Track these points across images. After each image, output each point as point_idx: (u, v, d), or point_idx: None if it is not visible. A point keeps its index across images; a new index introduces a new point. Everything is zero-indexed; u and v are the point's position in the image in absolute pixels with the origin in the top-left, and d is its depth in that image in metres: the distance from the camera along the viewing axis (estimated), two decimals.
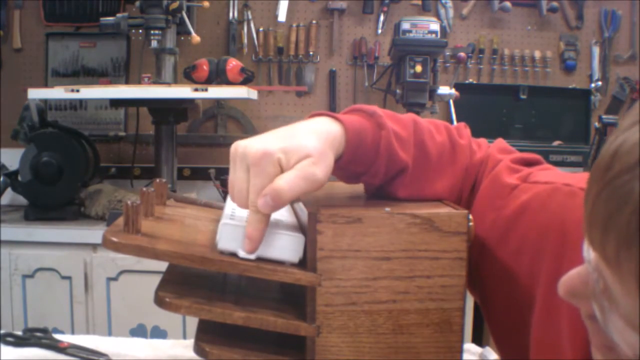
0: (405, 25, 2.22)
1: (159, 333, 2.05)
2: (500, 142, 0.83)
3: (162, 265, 0.68)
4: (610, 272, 0.42)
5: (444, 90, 2.32)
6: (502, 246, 0.71)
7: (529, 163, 0.78)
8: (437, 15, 2.68)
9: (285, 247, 0.65)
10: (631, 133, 0.41)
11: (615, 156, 0.41)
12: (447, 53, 2.69)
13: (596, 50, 2.77)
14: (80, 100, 2.66)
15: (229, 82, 2.19)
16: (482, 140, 0.83)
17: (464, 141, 0.78)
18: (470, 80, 2.75)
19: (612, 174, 0.41)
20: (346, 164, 0.68)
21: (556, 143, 2.66)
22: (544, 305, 0.65)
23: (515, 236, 0.70)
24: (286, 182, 0.61)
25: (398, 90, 2.32)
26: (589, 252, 0.46)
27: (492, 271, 0.73)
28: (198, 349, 0.65)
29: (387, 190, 0.73)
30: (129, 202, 0.64)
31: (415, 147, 0.73)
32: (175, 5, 2.04)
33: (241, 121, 2.73)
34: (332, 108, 2.70)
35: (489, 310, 0.76)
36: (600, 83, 2.77)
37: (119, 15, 2.08)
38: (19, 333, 1.17)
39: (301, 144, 0.63)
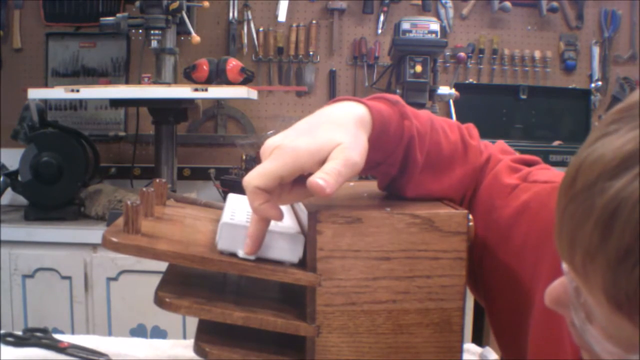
0: (405, 25, 2.22)
1: (159, 333, 2.05)
2: (501, 144, 0.83)
3: (162, 265, 0.68)
4: (581, 283, 0.43)
5: (444, 90, 2.32)
6: (503, 246, 0.71)
7: (529, 164, 0.78)
8: (437, 15, 2.68)
9: (285, 247, 0.65)
10: (595, 148, 0.42)
11: (579, 171, 0.42)
12: (447, 53, 2.69)
13: (596, 50, 2.77)
14: (80, 100, 2.66)
15: (229, 82, 2.18)
16: (487, 142, 0.83)
17: (475, 142, 0.78)
18: (470, 80, 2.75)
19: (576, 190, 0.42)
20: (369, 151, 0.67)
21: (556, 143, 2.66)
22: (545, 305, 0.65)
23: (517, 236, 0.70)
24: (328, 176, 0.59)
25: (398, 90, 2.32)
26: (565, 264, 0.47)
27: (494, 271, 0.73)
28: (198, 349, 0.65)
29: (397, 184, 0.73)
30: (129, 202, 0.64)
31: (431, 143, 0.72)
32: (175, 5, 2.04)
33: (241, 121, 2.73)
34: None
35: (492, 310, 0.76)
36: (600, 83, 2.77)
37: (119, 15, 2.08)
38: (19, 333, 1.16)
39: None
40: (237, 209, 0.73)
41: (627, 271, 0.38)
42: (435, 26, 2.22)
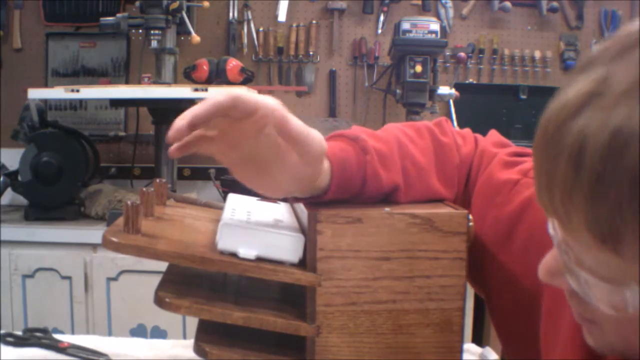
0: (405, 25, 2.22)
1: (159, 333, 2.05)
2: (494, 134, 0.81)
3: (162, 265, 0.68)
4: (566, 233, 0.45)
5: (444, 90, 2.32)
6: (507, 243, 0.71)
7: (524, 156, 0.77)
8: (437, 15, 2.68)
9: (285, 247, 0.65)
10: (559, 98, 0.45)
11: (549, 121, 0.45)
12: (447, 53, 2.69)
13: None
14: (80, 100, 2.66)
15: (229, 82, 2.18)
16: (466, 131, 0.81)
17: (448, 139, 0.77)
18: (470, 80, 2.75)
19: (547, 138, 0.45)
20: (335, 194, 0.66)
21: None
22: (548, 304, 0.64)
23: (521, 233, 0.69)
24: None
25: (398, 90, 2.32)
26: (552, 226, 0.48)
27: (497, 270, 0.72)
28: (198, 349, 0.65)
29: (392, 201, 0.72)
30: (129, 202, 0.64)
31: (404, 160, 0.71)
32: (175, 5, 2.04)
33: None
34: (332, 108, 2.70)
35: (494, 306, 0.75)
36: None
37: (119, 15, 2.08)
38: (19, 333, 1.16)
39: None
40: (237, 209, 0.73)
41: (603, 197, 0.40)
42: (435, 26, 2.22)
